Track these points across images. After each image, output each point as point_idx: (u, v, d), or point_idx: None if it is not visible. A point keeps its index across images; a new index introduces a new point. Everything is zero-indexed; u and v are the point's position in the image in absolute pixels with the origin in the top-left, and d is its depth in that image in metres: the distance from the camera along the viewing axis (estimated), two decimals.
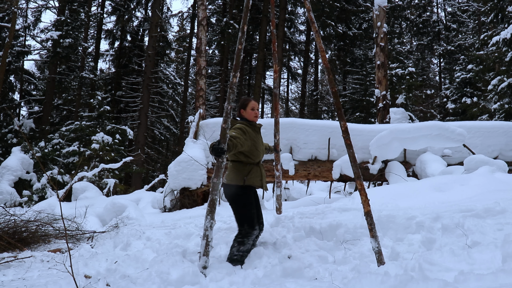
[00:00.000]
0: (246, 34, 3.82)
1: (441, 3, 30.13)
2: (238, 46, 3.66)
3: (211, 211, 3.51)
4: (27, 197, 11.43)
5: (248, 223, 3.64)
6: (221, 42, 22.71)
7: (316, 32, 3.71)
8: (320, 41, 3.70)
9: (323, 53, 3.66)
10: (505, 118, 14.58)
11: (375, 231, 3.23)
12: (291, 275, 3.28)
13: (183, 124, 22.36)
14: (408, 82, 17.50)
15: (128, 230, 5.57)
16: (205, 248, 3.45)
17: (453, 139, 7.40)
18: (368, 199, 3.28)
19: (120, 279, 3.19)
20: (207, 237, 3.46)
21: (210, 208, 3.53)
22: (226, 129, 3.44)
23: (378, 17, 12.72)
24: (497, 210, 4.09)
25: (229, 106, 3.55)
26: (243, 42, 3.67)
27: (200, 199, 8.84)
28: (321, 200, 8.25)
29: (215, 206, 3.56)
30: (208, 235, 3.47)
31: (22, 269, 4.04)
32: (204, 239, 3.46)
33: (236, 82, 3.65)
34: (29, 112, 22.29)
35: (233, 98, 3.61)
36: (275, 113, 5.38)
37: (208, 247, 3.46)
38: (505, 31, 13.82)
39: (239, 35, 3.68)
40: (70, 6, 19.76)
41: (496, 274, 2.36)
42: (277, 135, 5.33)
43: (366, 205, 3.27)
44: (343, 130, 3.41)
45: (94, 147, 13.49)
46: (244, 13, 3.76)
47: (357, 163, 3.44)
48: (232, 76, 3.62)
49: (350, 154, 3.38)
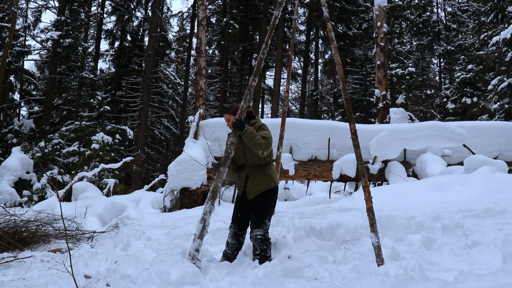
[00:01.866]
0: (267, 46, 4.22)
1: (441, 3, 30.14)
2: (260, 55, 4.12)
3: (212, 197, 3.65)
4: (27, 197, 11.43)
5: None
6: (221, 42, 22.70)
7: (335, 48, 4.09)
8: (338, 56, 4.09)
9: (340, 66, 3.99)
10: (505, 118, 14.58)
11: (375, 227, 3.29)
12: (291, 275, 3.28)
13: (183, 124, 22.36)
14: (408, 82, 17.50)
15: (128, 230, 5.57)
16: (201, 231, 3.56)
17: (453, 139, 7.40)
18: (371, 196, 3.36)
19: (120, 279, 3.19)
20: (205, 221, 3.58)
21: (212, 194, 3.66)
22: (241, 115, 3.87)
23: (378, 17, 12.72)
24: (497, 210, 4.10)
25: (245, 105, 3.88)
26: (265, 53, 4.15)
27: (200, 199, 8.84)
28: (321, 200, 8.24)
29: (217, 193, 3.69)
30: (206, 219, 3.58)
31: (22, 269, 4.04)
32: (201, 222, 3.58)
33: (254, 86, 4.06)
34: (29, 112, 22.27)
35: (250, 99, 3.97)
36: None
37: (204, 231, 3.57)
38: (505, 31, 13.82)
39: (263, 47, 4.15)
40: (70, 6, 19.74)
41: (496, 274, 2.36)
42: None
43: (369, 201, 3.34)
44: (352, 132, 3.62)
45: (94, 147, 13.49)
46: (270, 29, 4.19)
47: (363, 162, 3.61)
48: (251, 80, 4.02)
49: (357, 153, 3.58)
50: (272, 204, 3.86)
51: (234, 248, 3.91)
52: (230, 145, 3.75)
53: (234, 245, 3.92)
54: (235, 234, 3.91)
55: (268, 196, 3.81)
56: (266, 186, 3.80)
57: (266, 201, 3.80)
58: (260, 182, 3.81)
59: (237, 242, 3.92)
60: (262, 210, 3.77)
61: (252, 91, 3.99)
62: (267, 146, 3.66)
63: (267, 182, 3.81)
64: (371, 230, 3.27)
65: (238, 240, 3.92)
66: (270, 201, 3.82)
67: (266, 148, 3.65)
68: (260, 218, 3.75)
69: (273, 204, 3.89)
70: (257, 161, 3.83)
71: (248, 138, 3.63)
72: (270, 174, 3.86)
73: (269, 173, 3.86)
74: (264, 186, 3.80)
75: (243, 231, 3.94)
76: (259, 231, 3.73)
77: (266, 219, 3.78)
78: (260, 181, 3.81)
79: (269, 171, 3.88)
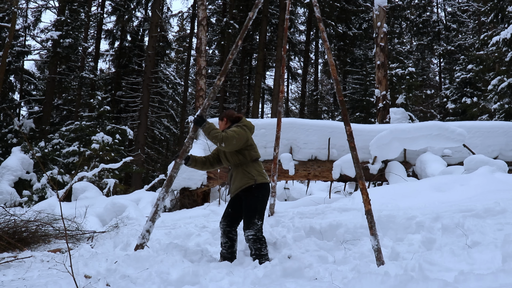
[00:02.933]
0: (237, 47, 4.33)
1: (441, 3, 30.13)
2: (229, 56, 4.20)
3: (167, 185, 4.04)
4: (27, 197, 11.43)
5: None
6: (221, 42, 22.70)
7: (328, 49, 4.10)
8: (331, 56, 4.08)
9: (333, 67, 3.99)
10: (505, 118, 14.57)
11: (375, 229, 3.28)
12: (291, 275, 3.28)
13: (183, 124, 22.35)
14: (408, 82, 17.50)
15: (128, 230, 5.58)
16: (153, 215, 3.94)
17: (453, 139, 7.39)
18: (369, 198, 3.36)
19: (120, 279, 3.19)
20: (157, 206, 3.96)
21: (167, 182, 4.04)
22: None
23: (378, 17, 12.72)
24: (497, 210, 4.10)
25: (208, 102, 4.12)
26: (234, 53, 4.22)
27: (200, 199, 8.84)
28: (321, 200, 8.24)
29: (172, 182, 4.07)
30: (158, 204, 3.97)
31: (22, 269, 4.03)
32: (154, 207, 3.96)
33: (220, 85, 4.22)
34: (29, 112, 22.26)
35: (213, 97, 4.18)
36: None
37: (156, 215, 3.94)
38: (505, 31, 13.82)
39: (233, 47, 4.22)
40: (70, 6, 19.74)
41: (496, 274, 2.36)
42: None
43: (367, 204, 3.34)
44: (348, 134, 3.68)
45: (94, 147, 13.48)
46: (242, 31, 4.28)
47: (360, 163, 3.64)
48: (217, 79, 4.17)
49: (354, 156, 3.59)
50: (260, 203, 3.84)
51: (227, 247, 3.94)
52: (188, 139, 4.05)
53: (227, 244, 3.95)
54: (225, 231, 3.95)
55: (254, 195, 3.82)
56: (245, 184, 3.82)
57: (253, 200, 3.81)
58: (239, 180, 3.86)
59: (229, 239, 3.95)
60: (250, 210, 3.80)
61: (216, 90, 4.20)
62: (226, 139, 3.70)
63: (246, 180, 3.83)
64: (370, 233, 3.27)
65: (229, 238, 3.95)
66: (257, 200, 3.82)
67: (224, 140, 3.70)
68: (249, 218, 3.78)
69: (261, 203, 3.86)
70: (238, 161, 3.91)
71: (206, 132, 3.83)
72: (250, 172, 3.85)
73: (249, 170, 3.86)
74: (243, 184, 3.82)
75: (232, 227, 3.97)
76: (250, 231, 3.76)
77: (255, 219, 3.77)
78: (239, 178, 3.87)
79: (250, 169, 3.87)
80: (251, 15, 4.33)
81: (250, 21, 4.33)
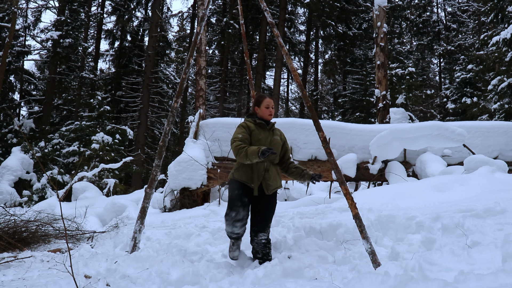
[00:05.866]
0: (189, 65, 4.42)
1: (441, 3, 30.12)
2: (182, 75, 4.31)
3: (141, 217, 4.14)
4: (27, 197, 11.44)
5: None
6: (221, 42, 22.71)
7: (286, 54, 4.04)
8: (291, 62, 4.06)
9: (295, 72, 3.95)
10: (505, 118, 14.57)
11: (365, 233, 3.25)
12: (291, 275, 3.28)
13: (183, 124, 22.35)
14: (408, 82, 17.49)
15: (128, 230, 5.57)
16: (132, 248, 4.06)
17: (453, 139, 7.39)
18: (354, 203, 3.36)
19: (120, 279, 3.19)
20: (135, 239, 4.08)
21: (141, 214, 4.15)
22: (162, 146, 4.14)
23: (378, 17, 12.72)
24: (497, 210, 4.09)
25: (168, 127, 4.20)
26: (187, 72, 4.33)
27: (200, 199, 8.84)
28: (321, 200, 8.23)
29: (145, 213, 4.19)
30: (136, 237, 4.09)
31: (22, 269, 4.03)
32: (132, 240, 4.08)
33: (177, 108, 4.27)
34: (29, 112, 22.27)
35: (173, 121, 4.30)
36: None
37: (136, 247, 4.04)
38: (505, 31, 13.81)
39: (185, 66, 4.31)
40: (70, 6, 19.74)
41: (496, 274, 2.36)
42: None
43: (354, 208, 3.33)
44: (322, 140, 3.64)
45: (94, 147, 13.49)
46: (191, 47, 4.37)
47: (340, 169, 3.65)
48: (173, 102, 4.25)
49: (332, 161, 3.60)
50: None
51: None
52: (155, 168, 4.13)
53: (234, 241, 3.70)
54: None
55: (276, 199, 3.70)
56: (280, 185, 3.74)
57: (274, 204, 3.69)
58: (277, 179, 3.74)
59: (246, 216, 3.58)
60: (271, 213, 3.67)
61: (175, 113, 4.29)
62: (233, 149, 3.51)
63: (280, 181, 3.76)
64: (361, 237, 3.24)
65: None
66: (276, 204, 3.72)
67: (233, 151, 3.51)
68: (267, 222, 3.64)
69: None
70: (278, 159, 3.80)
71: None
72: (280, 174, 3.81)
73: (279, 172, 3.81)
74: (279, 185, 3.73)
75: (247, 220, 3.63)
76: (264, 235, 3.62)
77: (271, 223, 3.72)
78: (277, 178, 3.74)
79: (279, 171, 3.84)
80: (198, 29, 4.43)
81: (198, 35, 4.45)
